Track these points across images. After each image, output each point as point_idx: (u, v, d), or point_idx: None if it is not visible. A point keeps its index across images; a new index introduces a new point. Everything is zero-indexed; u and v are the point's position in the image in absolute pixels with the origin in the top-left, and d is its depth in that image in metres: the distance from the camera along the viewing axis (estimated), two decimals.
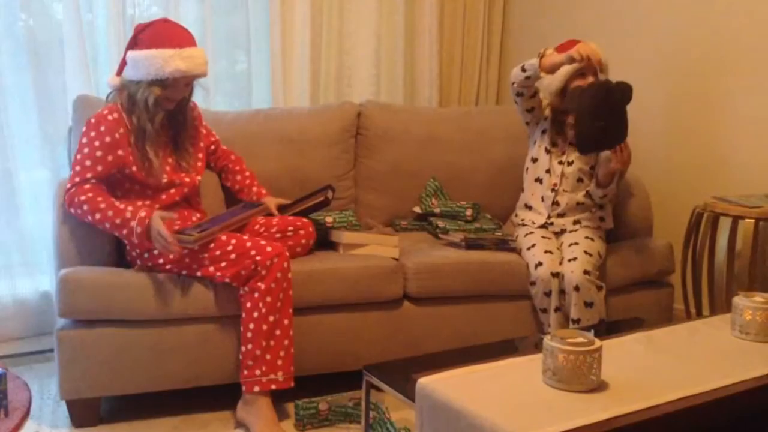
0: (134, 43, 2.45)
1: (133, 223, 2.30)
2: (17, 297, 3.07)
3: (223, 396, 2.53)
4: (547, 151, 2.90)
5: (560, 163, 2.89)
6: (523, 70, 2.76)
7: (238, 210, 2.64)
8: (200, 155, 2.66)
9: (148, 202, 2.48)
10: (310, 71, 3.54)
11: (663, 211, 3.17)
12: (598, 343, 1.65)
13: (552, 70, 2.74)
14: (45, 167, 3.10)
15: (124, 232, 2.32)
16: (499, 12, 4.00)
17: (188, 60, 2.41)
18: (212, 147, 2.80)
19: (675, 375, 1.74)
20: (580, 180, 2.87)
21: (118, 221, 2.31)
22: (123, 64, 2.48)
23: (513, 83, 2.83)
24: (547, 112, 2.93)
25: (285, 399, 2.51)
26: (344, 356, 2.62)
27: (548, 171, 2.89)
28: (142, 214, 2.31)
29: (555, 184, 2.87)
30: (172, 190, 2.53)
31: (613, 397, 1.61)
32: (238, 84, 3.53)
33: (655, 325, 2.15)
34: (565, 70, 2.74)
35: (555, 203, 2.88)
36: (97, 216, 2.32)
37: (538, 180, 2.92)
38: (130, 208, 2.34)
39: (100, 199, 2.34)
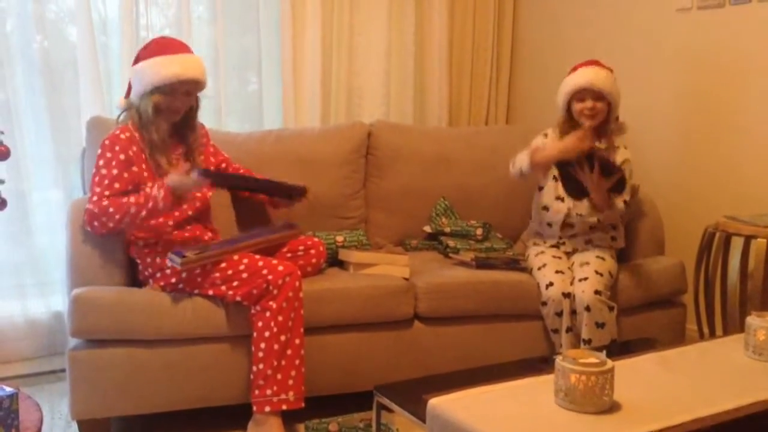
0: (135, 61, 2.50)
1: (155, 191, 2.36)
2: (29, 317, 3.09)
3: (233, 416, 2.52)
4: (556, 179, 2.89)
5: None
6: (520, 172, 2.75)
7: (256, 233, 2.64)
8: (210, 169, 2.68)
9: (161, 219, 2.49)
10: (321, 92, 3.56)
11: (675, 231, 3.16)
12: (610, 363, 1.64)
13: (547, 166, 2.70)
14: (58, 188, 3.13)
15: (150, 204, 2.35)
16: (509, 32, 4.03)
17: (183, 64, 2.46)
18: (223, 165, 2.81)
19: (688, 396, 1.72)
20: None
21: (142, 200, 2.36)
22: (130, 85, 2.53)
23: (513, 174, 2.81)
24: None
25: (295, 419, 2.50)
26: (354, 376, 2.61)
27: (561, 198, 2.87)
28: (159, 182, 2.38)
29: (569, 209, 2.85)
30: (184, 206, 2.55)
31: (626, 419, 1.59)
32: (250, 105, 3.56)
33: (668, 346, 2.14)
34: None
35: (569, 225, 2.87)
36: (122, 210, 2.35)
37: (545, 208, 2.91)
38: (147, 186, 2.40)
39: (124, 199, 2.38)
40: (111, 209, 2.36)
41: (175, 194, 2.36)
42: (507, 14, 4.01)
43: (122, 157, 2.43)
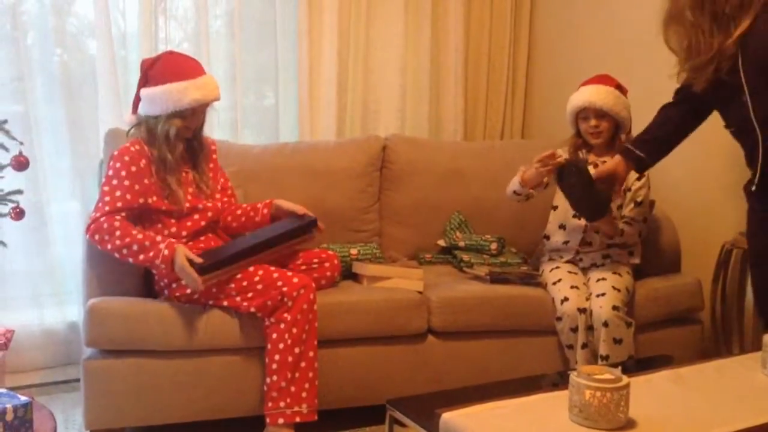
0: (145, 80, 2.51)
1: (162, 246, 2.32)
2: (45, 326, 3.11)
3: (246, 428, 2.52)
4: (555, 209, 2.87)
5: None
6: (515, 193, 2.79)
7: (267, 231, 2.61)
8: (220, 179, 2.70)
9: (174, 230, 2.51)
10: (337, 105, 3.58)
11: (692, 247, 3.14)
12: (625, 380, 1.63)
13: (536, 182, 2.71)
14: (75, 199, 3.16)
15: (151, 254, 2.32)
16: (524, 46, 4.03)
17: (203, 88, 2.48)
18: (225, 198, 2.74)
19: (704, 414, 1.70)
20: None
21: (147, 243, 2.33)
22: (137, 101, 2.54)
23: (508, 197, 2.84)
24: None
25: None
26: (367, 390, 2.61)
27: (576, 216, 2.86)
28: (173, 240, 2.36)
29: (586, 226, 2.83)
30: (196, 216, 2.56)
31: None
32: (266, 118, 3.59)
33: (684, 363, 2.12)
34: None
35: (588, 243, 2.85)
36: (127, 239, 2.32)
37: (562, 227, 2.90)
38: (160, 237, 2.37)
39: (134, 231, 2.36)
40: (118, 232, 2.33)
41: (173, 267, 2.32)
42: (523, 28, 4.01)
43: (133, 168, 2.44)
